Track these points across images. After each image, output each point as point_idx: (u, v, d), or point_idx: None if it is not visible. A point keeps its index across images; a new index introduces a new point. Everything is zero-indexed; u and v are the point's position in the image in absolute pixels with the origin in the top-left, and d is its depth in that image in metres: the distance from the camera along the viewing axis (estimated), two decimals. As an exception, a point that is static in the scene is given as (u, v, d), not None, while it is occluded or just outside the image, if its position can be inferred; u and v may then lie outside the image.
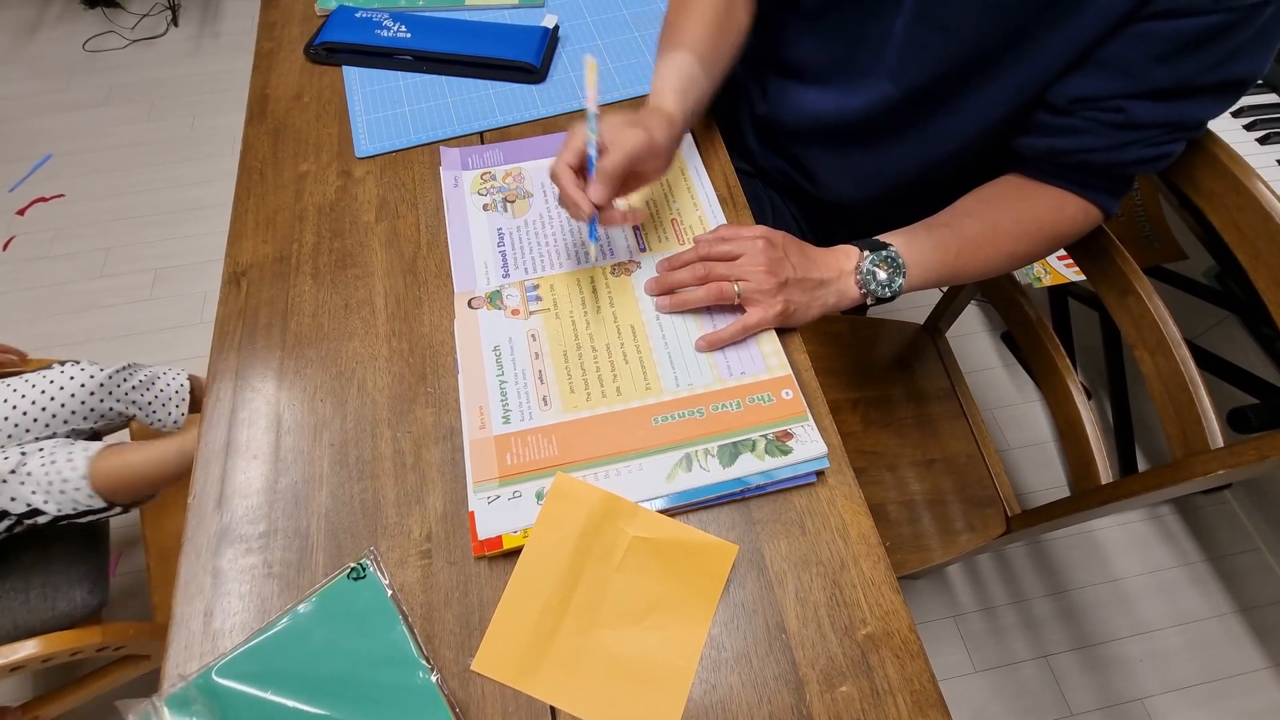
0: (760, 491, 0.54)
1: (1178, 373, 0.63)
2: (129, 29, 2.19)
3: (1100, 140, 0.57)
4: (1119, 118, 0.56)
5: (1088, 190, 0.62)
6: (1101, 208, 0.63)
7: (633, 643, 0.49)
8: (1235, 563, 1.28)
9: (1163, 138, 0.57)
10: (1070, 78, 0.57)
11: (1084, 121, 0.57)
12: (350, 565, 0.51)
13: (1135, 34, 0.52)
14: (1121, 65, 0.54)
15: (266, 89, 0.84)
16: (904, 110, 0.66)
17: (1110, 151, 0.58)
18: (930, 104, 0.65)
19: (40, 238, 1.71)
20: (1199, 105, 0.55)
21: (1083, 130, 0.58)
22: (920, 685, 0.47)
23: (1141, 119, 0.55)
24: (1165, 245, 1.33)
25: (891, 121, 0.68)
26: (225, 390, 0.61)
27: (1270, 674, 1.17)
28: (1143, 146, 0.57)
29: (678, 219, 0.69)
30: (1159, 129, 0.56)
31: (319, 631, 0.49)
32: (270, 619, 0.50)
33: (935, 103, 0.64)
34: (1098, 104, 0.56)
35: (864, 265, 0.60)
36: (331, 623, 0.49)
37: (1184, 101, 0.54)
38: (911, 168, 0.71)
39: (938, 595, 1.24)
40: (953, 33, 0.58)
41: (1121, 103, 0.55)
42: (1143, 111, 0.55)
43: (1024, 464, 1.39)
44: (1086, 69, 0.56)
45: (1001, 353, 1.53)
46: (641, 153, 0.56)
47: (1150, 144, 0.57)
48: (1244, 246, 0.57)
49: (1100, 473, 0.76)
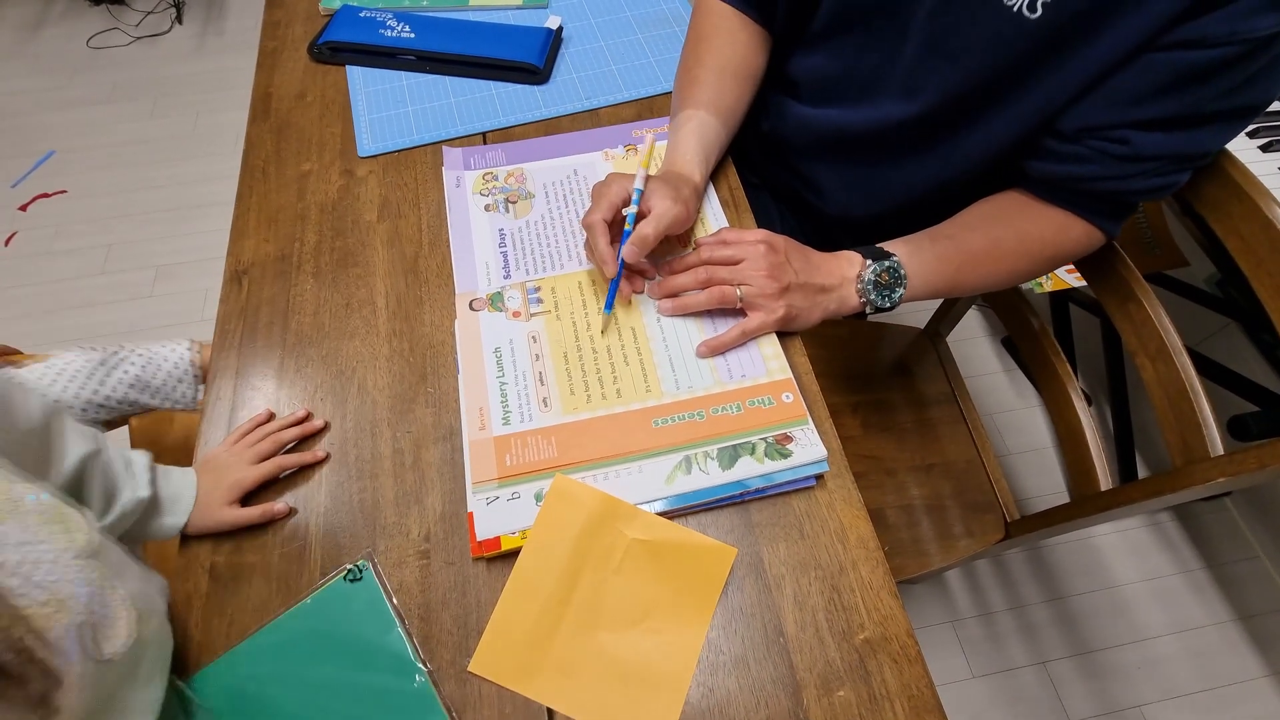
0: (759, 495, 0.54)
1: (1178, 380, 0.63)
2: (133, 26, 2.19)
3: (1105, 170, 0.57)
4: (1125, 150, 0.55)
5: (1092, 214, 0.62)
6: (1105, 231, 0.63)
7: (630, 645, 0.49)
8: (1235, 570, 1.28)
9: (1168, 168, 0.56)
10: (1078, 106, 0.56)
11: (1090, 151, 0.57)
12: (347, 567, 0.51)
13: (1148, 64, 0.51)
14: (1129, 95, 0.53)
15: (270, 87, 0.84)
16: (911, 132, 0.66)
17: (1115, 181, 0.58)
18: (937, 128, 0.64)
19: (42, 234, 1.71)
20: (1207, 134, 0.54)
21: (1088, 159, 0.57)
22: (918, 690, 0.47)
23: (1147, 151, 0.55)
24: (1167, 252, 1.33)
25: (898, 142, 0.68)
26: (225, 388, 0.61)
27: (1269, 683, 1.17)
28: (1148, 177, 0.57)
29: (679, 221, 0.69)
30: (1164, 160, 0.56)
31: (315, 633, 0.49)
32: (267, 619, 0.49)
33: (942, 127, 0.64)
34: (1104, 134, 0.56)
35: (866, 275, 0.60)
36: (328, 625, 0.49)
37: (1192, 131, 0.54)
38: (919, 186, 0.70)
39: (936, 600, 1.24)
40: (961, 62, 0.58)
41: (1128, 133, 0.55)
42: (1149, 143, 0.54)
43: (1023, 469, 1.39)
44: (1094, 98, 0.55)
45: (1002, 358, 1.52)
46: (677, 227, 0.61)
47: (1155, 174, 0.57)
48: (1246, 254, 0.57)
49: (1100, 479, 0.76)
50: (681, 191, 0.62)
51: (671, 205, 0.59)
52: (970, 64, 0.58)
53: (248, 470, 0.54)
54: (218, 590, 0.51)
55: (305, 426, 0.57)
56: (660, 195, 0.60)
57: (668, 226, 0.59)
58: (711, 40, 0.71)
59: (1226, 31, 0.47)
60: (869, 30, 0.64)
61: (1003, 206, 0.65)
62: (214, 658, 0.48)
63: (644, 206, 0.60)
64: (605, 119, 0.79)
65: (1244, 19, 0.46)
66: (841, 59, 0.68)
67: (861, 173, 0.74)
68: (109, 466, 0.51)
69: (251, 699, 0.47)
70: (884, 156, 0.71)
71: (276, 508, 0.54)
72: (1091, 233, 0.63)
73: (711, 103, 0.68)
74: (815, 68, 0.71)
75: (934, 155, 0.67)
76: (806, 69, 0.72)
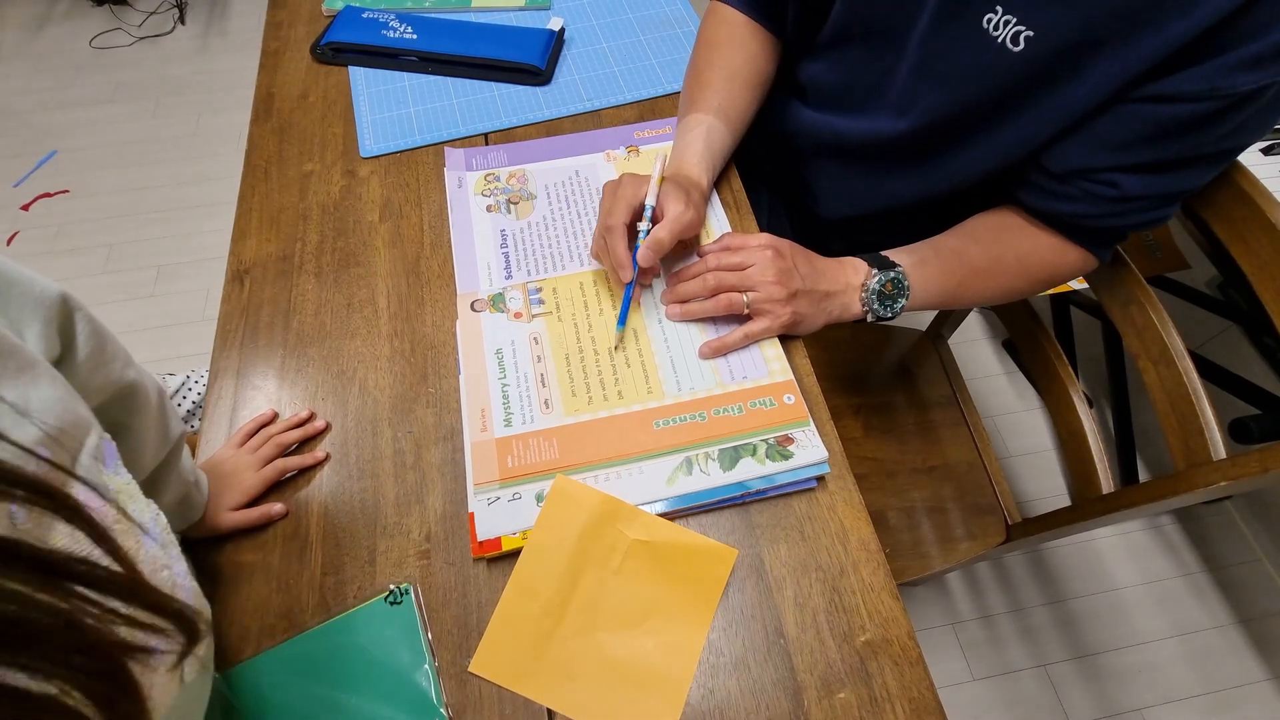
0: (761, 496, 0.54)
1: (1180, 383, 0.62)
2: (136, 26, 2.20)
3: (1095, 209, 0.58)
4: (1112, 192, 0.56)
5: (1084, 242, 0.63)
6: (1098, 256, 0.64)
7: (631, 646, 0.49)
8: (1236, 574, 1.27)
9: (1156, 205, 0.57)
10: (1065, 146, 0.57)
11: (1079, 191, 0.58)
12: (390, 588, 0.50)
13: (1126, 113, 0.52)
14: (1114, 140, 0.54)
15: (272, 88, 0.84)
16: (901, 147, 0.66)
17: (1103, 219, 0.59)
18: (926, 146, 0.65)
19: (44, 233, 1.71)
20: (1195, 174, 0.55)
21: (1077, 199, 0.58)
22: (919, 693, 0.47)
23: (1133, 192, 0.55)
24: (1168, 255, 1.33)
25: (889, 154, 0.69)
26: (227, 387, 0.61)
27: (1270, 686, 1.17)
28: (1137, 214, 0.58)
29: (681, 222, 0.69)
30: (1152, 199, 0.56)
31: (347, 651, 0.48)
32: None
33: (930, 146, 0.65)
34: (1092, 176, 0.56)
35: (871, 284, 0.61)
36: (361, 645, 0.48)
37: (1179, 173, 0.54)
38: (909, 198, 0.71)
39: (937, 603, 1.24)
40: (948, 87, 0.59)
41: (1115, 176, 0.55)
42: (1135, 185, 0.55)
43: (1025, 472, 1.38)
44: (1080, 139, 0.55)
45: (1003, 360, 1.52)
46: (689, 231, 0.61)
47: (1144, 211, 0.57)
48: (1249, 257, 0.57)
49: (1101, 482, 0.75)
50: (692, 195, 0.62)
51: (685, 210, 0.60)
52: (956, 90, 0.58)
53: (254, 477, 0.54)
54: (218, 590, 0.51)
55: (307, 428, 0.57)
56: (674, 199, 0.60)
57: (682, 230, 0.60)
58: (722, 47, 0.72)
59: (1206, 88, 0.47)
60: (868, 46, 0.64)
61: (1003, 224, 0.66)
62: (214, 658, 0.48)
63: (657, 210, 0.61)
64: (607, 120, 0.79)
65: (1222, 76, 0.46)
66: (843, 70, 0.68)
67: (856, 180, 0.74)
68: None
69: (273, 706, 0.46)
70: (876, 167, 0.71)
71: (274, 509, 0.54)
72: (1086, 257, 0.64)
73: (720, 109, 0.69)
74: (820, 75, 0.72)
75: (923, 171, 0.68)
76: (812, 75, 0.73)
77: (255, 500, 0.55)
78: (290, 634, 0.49)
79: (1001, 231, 0.66)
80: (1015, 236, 0.65)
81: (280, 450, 0.56)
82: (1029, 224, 0.64)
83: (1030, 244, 0.64)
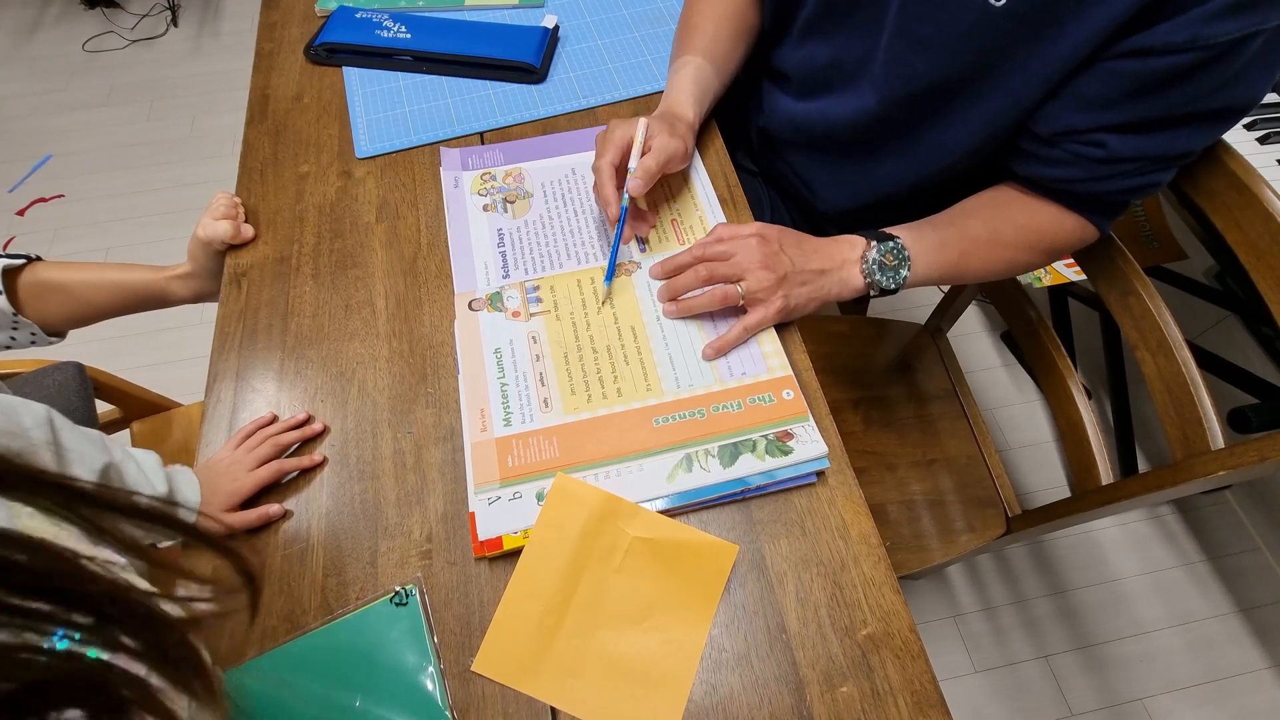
0: (761, 492, 0.54)
1: (1179, 373, 0.63)
2: (129, 29, 2.19)
3: (1085, 172, 0.58)
4: (1100, 152, 0.55)
5: (1081, 210, 0.63)
6: (1096, 226, 0.64)
7: (633, 643, 0.49)
8: (1235, 562, 1.28)
9: (1147, 168, 0.57)
10: (1052, 108, 0.57)
11: (1066, 154, 0.57)
12: (395, 588, 0.50)
13: (1107, 71, 0.52)
14: (1099, 100, 0.53)
15: (267, 89, 0.84)
16: (887, 124, 0.66)
17: (1093, 183, 0.59)
18: (913, 120, 0.65)
19: (40, 238, 1.70)
20: (1185, 135, 0.54)
21: (1066, 162, 0.58)
22: (921, 686, 0.47)
23: (1123, 153, 0.55)
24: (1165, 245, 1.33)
25: (876, 134, 0.69)
26: (226, 391, 0.61)
27: (1270, 674, 1.17)
28: (1128, 177, 0.57)
29: (678, 219, 0.69)
30: (1143, 161, 0.56)
31: (351, 652, 0.48)
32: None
33: (918, 119, 0.65)
34: (1079, 137, 0.56)
35: (870, 255, 0.61)
36: (365, 646, 0.48)
37: (1169, 133, 0.54)
38: (903, 182, 0.71)
39: (938, 595, 1.24)
40: (931, 51, 0.58)
41: (1103, 136, 0.55)
42: (1124, 145, 0.55)
43: (1024, 464, 1.39)
44: (1066, 100, 0.55)
45: (1002, 353, 1.52)
46: (676, 161, 0.64)
47: (1135, 175, 0.57)
48: (1245, 246, 0.57)
49: (1101, 473, 0.76)
50: (678, 128, 0.64)
51: (670, 139, 0.62)
52: (939, 53, 0.58)
53: (247, 477, 0.54)
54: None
55: (305, 430, 0.57)
56: (661, 131, 0.63)
57: (668, 160, 0.62)
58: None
59: (1187, 38, 0.47)
60: (853, 20, 0.64)
61: (1001, 197, 0.66)
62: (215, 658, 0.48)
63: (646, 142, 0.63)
64: (603, 118, 0.79)
65: (1204, 24, 0.46)
66: (828, 50, 0.69)
67: (848, 168, 0.75)
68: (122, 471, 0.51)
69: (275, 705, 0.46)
70: (866, 150, 0.71)
71: (273, 509, 0.54)
72: (1085, 226, 0.64)
73: (707, 50, 0.71)
74: (805, 59, 0.72)
75: (914, 150, 0.68)
76: (797, 61, 0.73)
77: (253, 502, 0.55)
78: (292, 635, 0.49)
79: (998, 204, 0.66)
80: (1012, 208, 0.65)
81: (278, 450, 0.56)
82: (1025, 194, 0.64)
83: (1027, 214, 0.64)
